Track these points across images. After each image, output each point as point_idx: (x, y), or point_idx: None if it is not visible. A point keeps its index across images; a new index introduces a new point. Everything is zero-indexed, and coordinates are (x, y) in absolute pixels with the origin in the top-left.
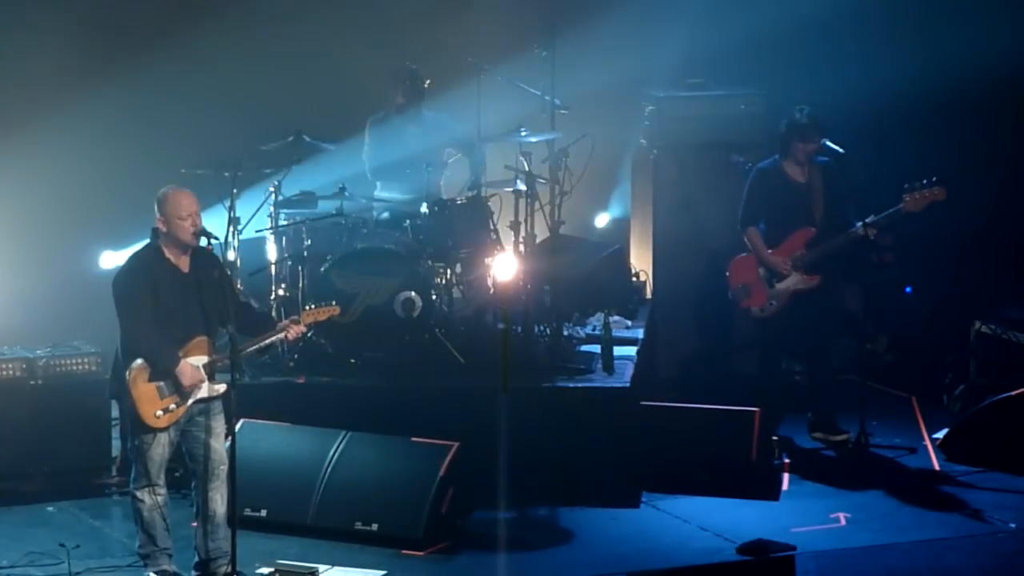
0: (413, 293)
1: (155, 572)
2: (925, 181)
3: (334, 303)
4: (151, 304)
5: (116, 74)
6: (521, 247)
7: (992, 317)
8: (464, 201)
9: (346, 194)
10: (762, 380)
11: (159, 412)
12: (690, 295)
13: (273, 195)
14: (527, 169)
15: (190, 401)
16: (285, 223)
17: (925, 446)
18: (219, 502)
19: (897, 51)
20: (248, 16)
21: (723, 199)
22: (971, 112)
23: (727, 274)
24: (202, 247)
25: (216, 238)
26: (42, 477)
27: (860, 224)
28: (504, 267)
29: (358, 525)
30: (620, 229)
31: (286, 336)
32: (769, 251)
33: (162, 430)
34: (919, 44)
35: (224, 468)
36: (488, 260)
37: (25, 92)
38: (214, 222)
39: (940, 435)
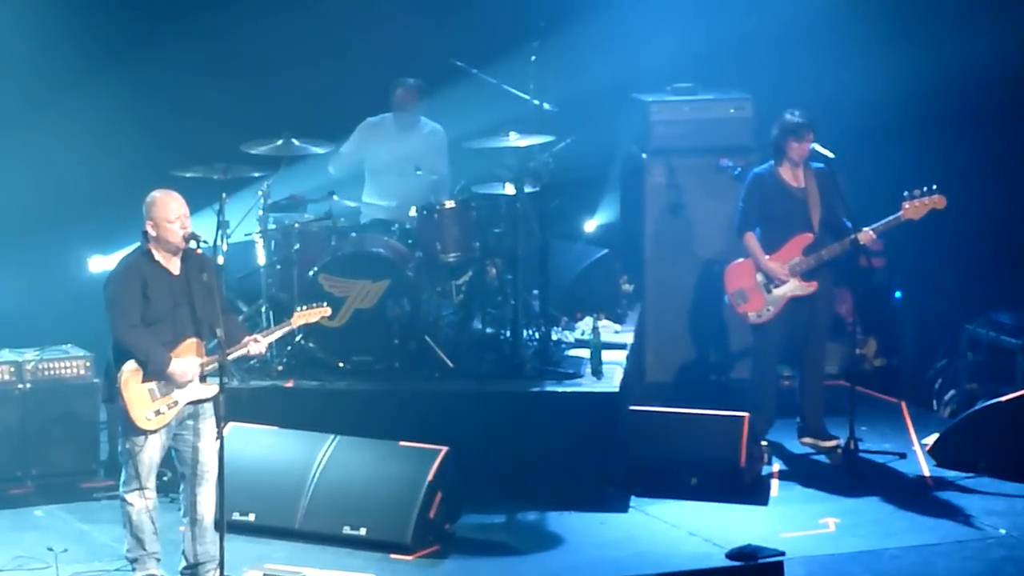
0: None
1: None
2: (925, 188)
3: (325, 304)
4: (141, 307)
5: (104, 77)
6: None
7: (982, 322)
8: (453, 206)
9: (335, 198)
10: (752, 385)
11: (151, 415)
12: (680, 300)
13: (262, 199)
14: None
15: (182, 403)
16: (274, 227)
17: (915, 451)
18: (207, 506)
19: (887, 55)
20: (237, 18)
21: (713, 203)
22: (963, 116)
23: (723, 279)
24: (192, 250)
25: (206, 241)
26: (30, 481)
27: (865, 230)
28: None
29: (346, 530)
30: (609, 234)
31: (247, 351)
32: (767, 257)
33: (153, 433)
34: (910, 48)
35: (212, 472)
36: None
37: (11, 94)
38: (203, 226)
39: (930, 440)
